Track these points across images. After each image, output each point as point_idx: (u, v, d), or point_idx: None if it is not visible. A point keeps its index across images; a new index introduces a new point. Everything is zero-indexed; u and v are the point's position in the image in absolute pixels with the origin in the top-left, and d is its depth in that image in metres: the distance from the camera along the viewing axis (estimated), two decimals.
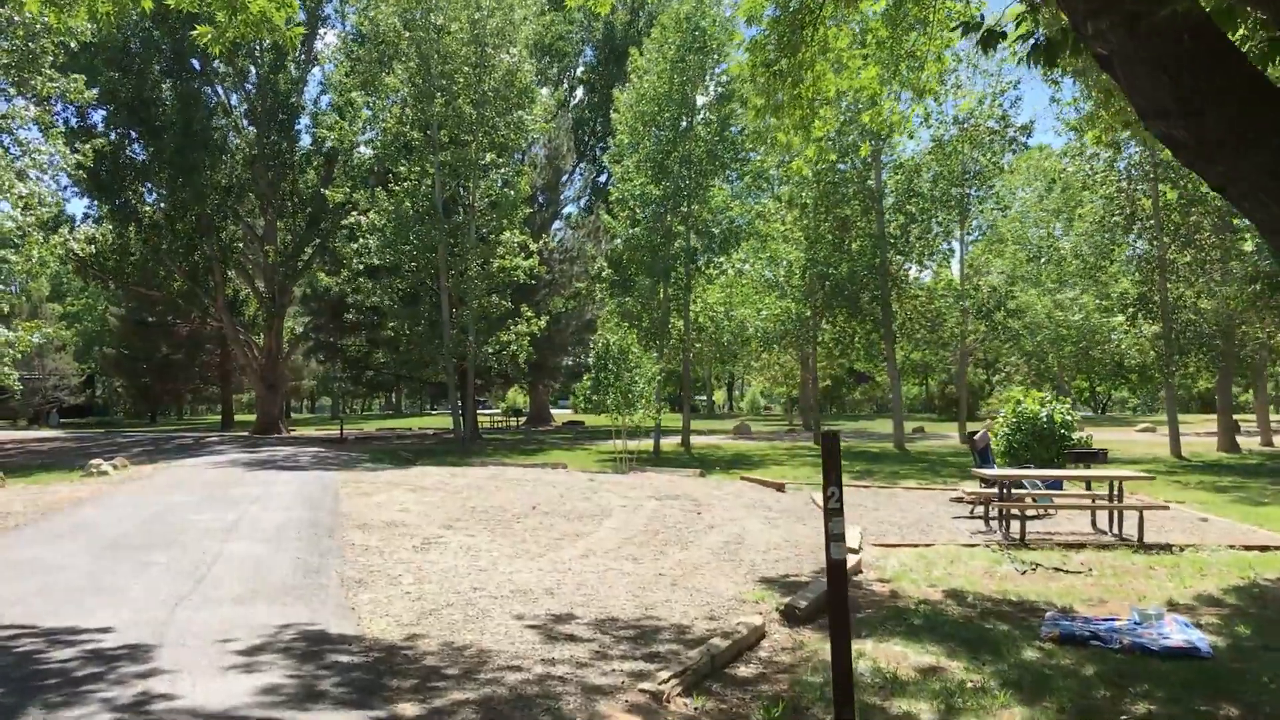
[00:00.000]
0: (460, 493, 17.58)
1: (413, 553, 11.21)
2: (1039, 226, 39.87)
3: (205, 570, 10.06)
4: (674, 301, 34.53)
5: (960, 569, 10.93)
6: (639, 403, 24.42)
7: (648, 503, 16.15)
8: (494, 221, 35.87)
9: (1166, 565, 11.14)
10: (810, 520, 14.48)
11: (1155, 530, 13.45)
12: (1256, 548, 12.43)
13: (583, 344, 48.42)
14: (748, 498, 17.17)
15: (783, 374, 56.17)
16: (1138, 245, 29.27)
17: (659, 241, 34.07)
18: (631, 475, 22.32)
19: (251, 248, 47.80)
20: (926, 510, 16.20)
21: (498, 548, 11.60)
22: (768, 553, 11.54)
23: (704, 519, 14.28)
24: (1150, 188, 28.22)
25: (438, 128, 34.83)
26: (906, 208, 33.23)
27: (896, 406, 34.98)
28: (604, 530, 13.08)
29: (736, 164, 34.77)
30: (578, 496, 17.06)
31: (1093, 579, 10.49)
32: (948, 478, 23.16)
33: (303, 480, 20.63)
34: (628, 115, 35.03)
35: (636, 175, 34.27)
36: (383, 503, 16.05)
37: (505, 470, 23.18)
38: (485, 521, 13.86)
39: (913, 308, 34.31)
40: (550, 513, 14.86)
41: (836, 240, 34.28)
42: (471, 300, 34.74)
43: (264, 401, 47.22)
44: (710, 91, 35.75)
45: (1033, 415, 19.63)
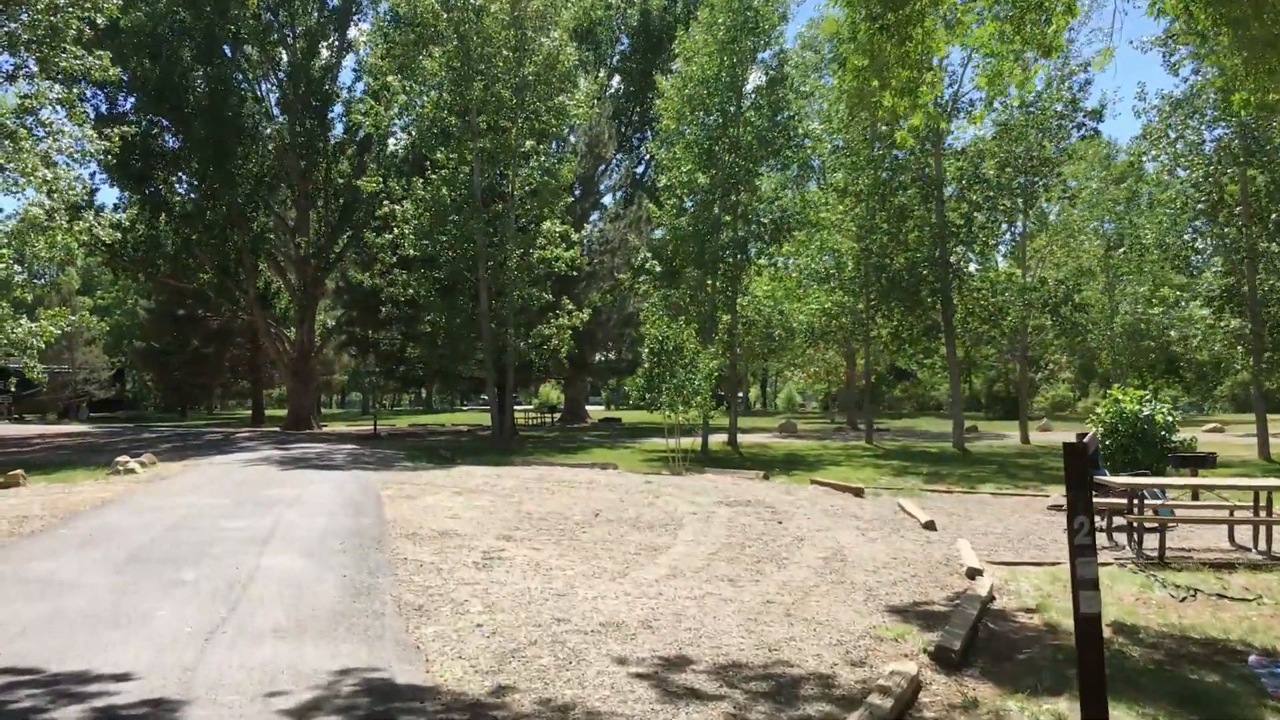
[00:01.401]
0: (511, 496, 16.21)
1: (474, 570, 9.81)
2: (1109, 221, 38.07)
3: (240, 591, 8.71)
4: (721, 295, 33.06)
5: (1107, 595, 9.42)
6: (694, 400, 22.98)
7: (719, 510, 14.72)
8: (534, 210, 34.49)
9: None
10: (906, 531, 13.01)
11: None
12: None
13: (623, 339, 47.07)
14: (825, 504, 15.70)
15: (825, 370, 54.56)
16: (1226, 233, 27.48)
17: (706, 232, 32.63)
18: (689, 477, 20.91)
19: (283, 239, 46.69)
20: (1026, 520, 14.69)
21: (569, 564, 10.19)
22: (878, 573, 10.08)
23: (788, 530, 12.83)
24: (1239, 172, 26.50)
25: (476, 113, 33.45)
26: (969, 195, 31.54)
27: (956, 405, 33.38)
28: (682, 543, 11.66)
29: (790, 150, 33.22)
30: (640, 501, 15.65)
31: (1269, 609, 8.99)
32: (1024, 482, 21.59)
33: (340, 481, 19.33)
34: (674, 100, 33.58)
35: (684, 161, 32.82)
36: (430, 507, 14.69)
37: (553, 471, 21.81)
38: (547, 531, 12.46)
39: (974, 301, 32.63)
40: (616, 521, 13.45)
41: (893, 230, 32.67)
42: (511, 292, 33.37)
43: (295, 396, 46.11)
44: (761, 75, 34.30)
45: (1133, 416, 18.08)
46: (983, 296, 32.47)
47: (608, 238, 41.60)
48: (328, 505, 15.05)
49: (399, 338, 43.10)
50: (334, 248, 45.82)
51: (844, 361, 50.83)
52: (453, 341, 36.19)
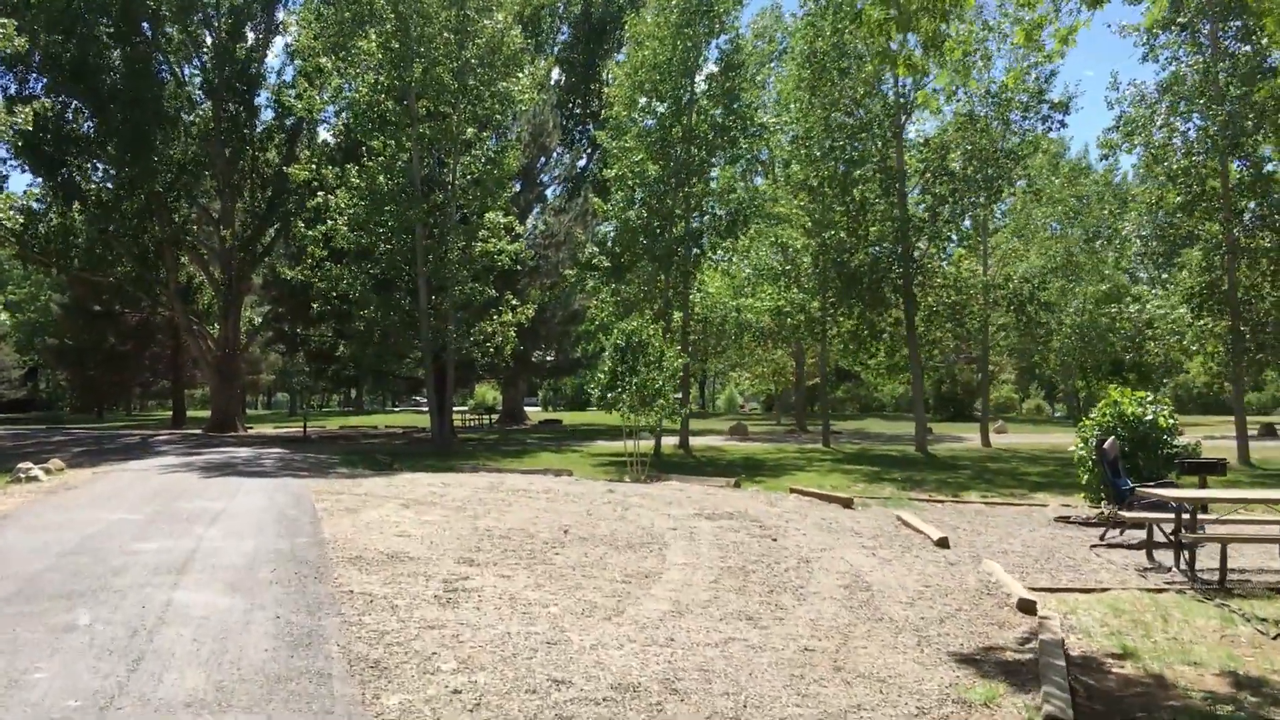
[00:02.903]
0: (464, 509, 14.48)
1: (437, 607, 8.10)
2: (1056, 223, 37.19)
3: (146, 641, 6.92)
4: (675, 290, 31.51)
5: (1186, 632, 8.02)
6: (658, 401, 21.35)
7: (700, 524, 13.13)
8: (477, 201, 32.61)
9: None
10: (919, 550, 11.52)
11: None
12: None
13: (567, 337, 45.29)
14: (815, 517, 14.18)
15: (772, 371, 53.27)
16: (1206, 228, 26.52)
17: (658, 224, 31.09)
18: (653, 485, 19.32)
19: (206, 230, 44.27)
20: (1038, 534, 13.31)
21: (550, 597, 8.52)
22: (915, 606, 8.55)
23: (787, 549, 11.28)
24: (1220, 163, 25.56)
25: (415, 97, 31.53)
26: (935, 188, 30.32)
27: (918, 407, 32.11)
28: (674, 567, 10.05)
29: (746, 140, 31.79)
30: (609, 515, 14.02)
31: None
32: (1008, 489, 20.36)
33: (270, 490, 17.43)
34: (625, 86, 32.01)
35: (635, 151, 31.25)
36: (374, 523, 12.91)
37: (505, 478, 20.09)
38: (514, 553, 10.77)
39: (938, 298, 31.44)
40: (589, 539, 11.80)
41: (853, 225, 31.38)
42: (452, 287, 31.47)
43: (219, 396, 43.70)
44: (715, 62, 32.83)
45: (1134, 419, 16.78)
46: (946, 294, 31.31)
47: (552, 231, 39.85)
48: (256, 521, 13.20)
49: (331, 335, 40.96)
50: (261, 240, 43.51)
51: (793, 362, 49.56)
52: (389, 339, 34.21)
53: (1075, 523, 14.38)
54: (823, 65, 30.77)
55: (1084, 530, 13.78)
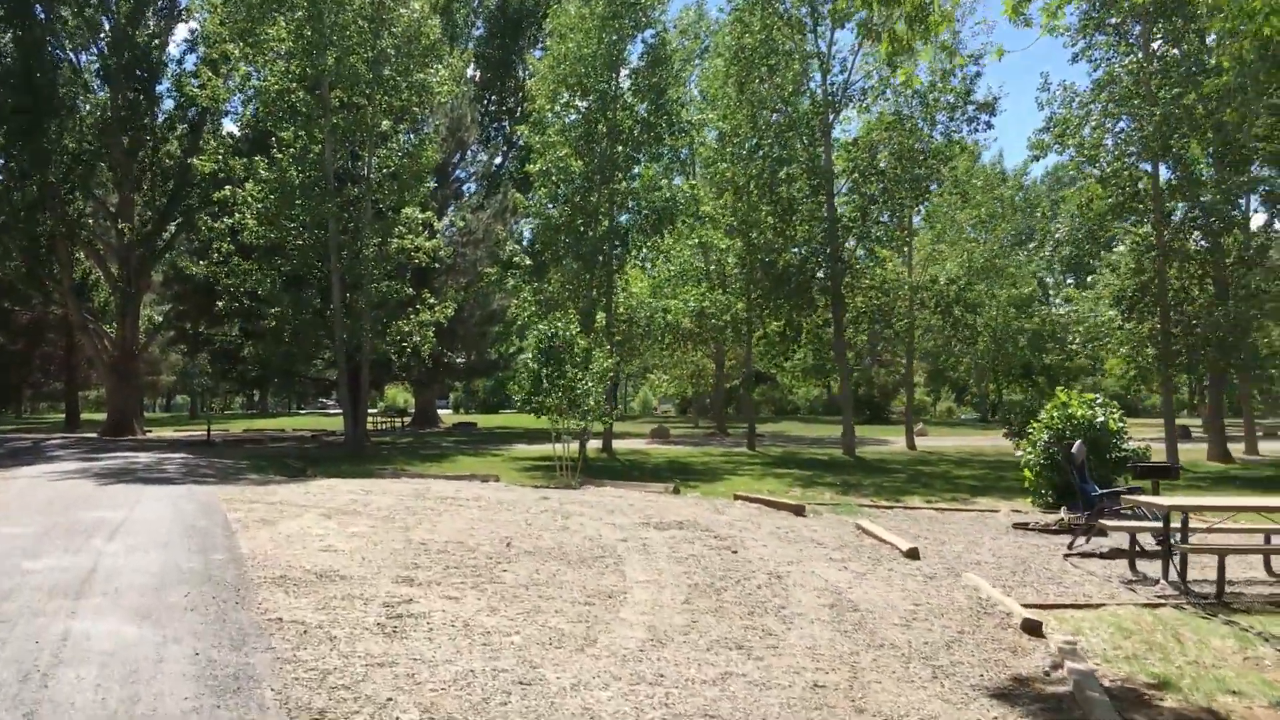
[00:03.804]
0: (392, 519, 13.43)
1: (382, 637, 7.12)
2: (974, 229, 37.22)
3: (39, 687, 5.84)
4: (599, 289, 30.64)
5: (1205, 654, 7.40)
6: (586, 403, 20.46)
7: (650, 535, 12.29)
8: (393, 196, 31.37)
9: None
10: (890, 563, 10.80)
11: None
12: None
13: (485, 337, 44.05)
14: (769, 526, 13.42)
15: (691, 373, 52.69)
16: (1136, 230, 26.51)
17: (583, 221, 30.20)
18: (586, 491, 18.41)
19: (103, 224, 42.09)
20: (1001, 542, 12.71)
21: (510, 624, 7.58)
22: (913, 628, 7.80)
23: (751, 563, 10.49)
24: (1152, 165, 25.53)
25: (328, 87, 30.19)
26: (865, 188, 29.91)
27: (847, 410, 31.58)
28: (637, 586, 9.17)
29: (672, 137, 31.07)
30: (550, 524, 13.09)
31: None
32: (948, 493, 19.87)
33: (176, 499, 16.12)
34: (547, 80, 31.07)
35: (559, 146, 30.32)
36: (295, 535, 11.81)
37: (429, 484, 19.02)
38: (457, 569, 9.79)
39: (866, 299, 31.06)
40: (535, 552, 10.87)
41: (780, 225, 30.84)
42: (367, 284, 30.18)
43: (116, 398, 41.61)
44: (641, 56, 32.01)
45: (1084, 422, 16.36)
46: (874, 296, 30.95)
47: (470, 229, 38.66)
48: (163, 534, 12.00)
49: (237, 334, 39.21)
50: (162, 235, 41.54)
51: (712, 364, 48.99)
52: (300, 338, 32.76)
53: (1035, 529, 13.83)
54: (750, 62, 30.21)
55: (1046, 538, 13.23)
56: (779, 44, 30.08)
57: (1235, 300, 26.07)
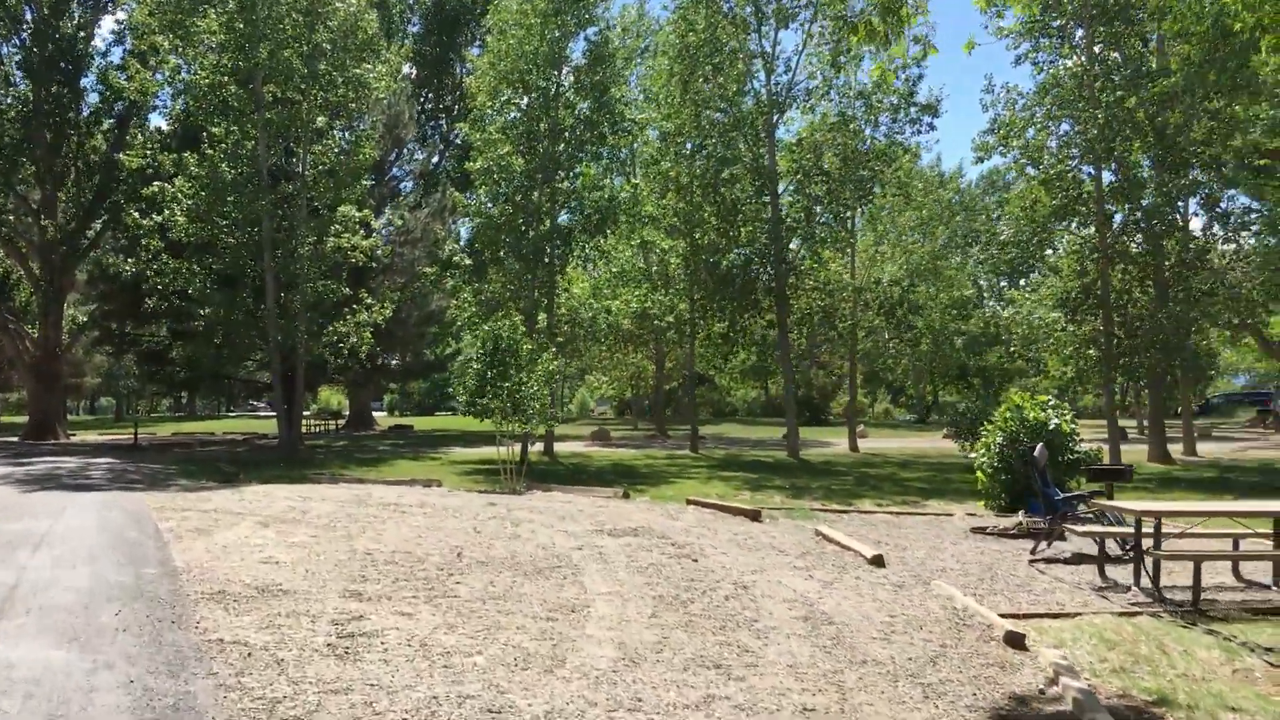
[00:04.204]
0: (334, 527, 12.85)
1: (336, 660, 6.63)
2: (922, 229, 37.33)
3: None
4: (540, 289, 30.14)
5: (1193, 667, 7.19)
6: (532, 406, 19.99)
7: (606, 543, 11.87)
8: (329, 193, 30.62)
9: None
10: (855, 571, 10.50)
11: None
12: None
13: (423, 338, 43.28)
14: (726, 532, 13.07)
15: (631, 375, 52.36)
16: (1080, 233, 26.64)
17: (524, 221, 29.70)
18: (533, 496, 17.94)
19: (25, 221, 40.65)
20: (963, 548, 12.49)
21: (471, 643, 7.12)
22: (893, 642, 7.48)
23: (714, 573, 10.12)
24: (1095, 167, 25.67)
25: (262, 81, 29.40)
26: (809, 188, 29.77)
27: (791, 410, 31.46)
28: (599, 599, 8.75)
29: (615, 136, 30.67)
30: (500, 532, 12.61)
31: None
32: (899, 496, 19.75)
33: (103, 506, 15.34)
34: (488, 77, 30.53)
35: (500, 143, 29.80)
36: (233, 546, 11.21)
37: (370, 490, 18.37)
38: (407, 582, 9.30)
39: (811, 300, 30.93)
40: (487, 563, 10.41)
41: (723, 226, 30.60)
42: (302, 284, 29.40)
43: (38, 401, 40.27)
44: (583, 54, 31.59)
45: (1038, 424, 16.25)
46: (818, 297, 30.83)
47: (408, 228, 37.93)
48: (90, 546, 11.33)
49: (165, 335, 38.06)
50: (86, 231, 40.25)
51: (652, 365, 48.68)
52: (232, 339, 31.85)
53: (993, 534, 13.64)
54: (695, 60, 29.95)
55: (1005, 542, 13.03)
56: (723, 43, 29.87)
57: (1175, 303, 26.30)
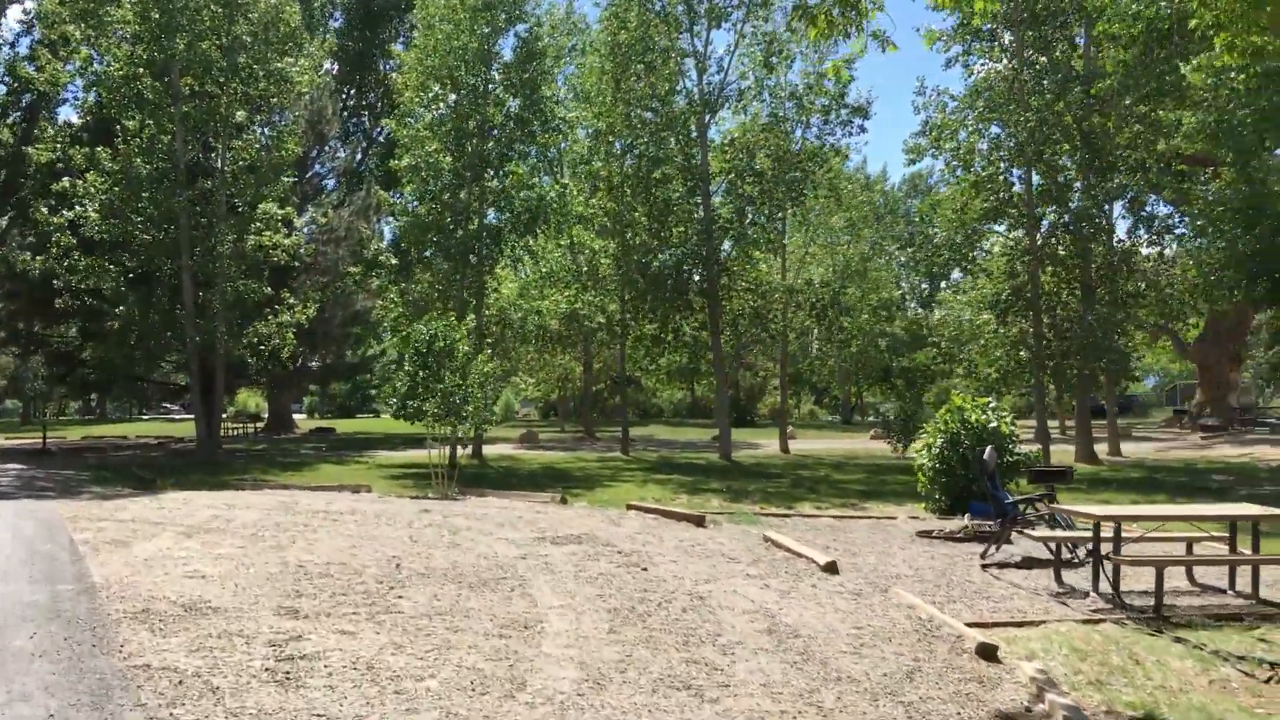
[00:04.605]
0: (262, 537, 12.25)
1: (277, 688, 6.13)
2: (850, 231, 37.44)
3: None
4: (469, 289, 29.55)
5: (1169, 678, 7.02)
6: (467, 410, 19.45)
7: (550, 551, 11.45)
8: (250, 190, 29.70)
9: None
10: (812, 578, 10.21)
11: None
12: None
13: (347, 339, 42.33)
14: (673, 539, 12.71)
15: (559, 376, 51.86)
16: (1011, 235, 26.84)
17: (453, 220, 29.10)
18: (468, 502, 17.43)
19: None
20: (913, 553, 12.28)
21: (421, 665, 6.66)
22: (863, 656, 7.18)
23: (666, 582, 9.76)
24: (1025, 173, 25.86)
25: (179, 74, 28.41)
26: (742, 188, 29.60)
27: (723, 412, 31.23)
28: (552, 613, 8.33)
29: (546, 134, 30.22)
30: (439, 541, 12.12)
31: None
32: (838, 499, 19.61)
33: (11, 517, 14.52)
34: (415, 72, 29.88)
35: (428, 141, 29.17)
36: (155, 559, 10.58)
37: (296, 497, 17.71)
38: (345, 597, 8.79)
39: (743, 301, 30.76)
40: (428, 574, 9.92)
41: (655, 226, 30.31)
42: (222, 283, 28.47)
43: None
44: (512, 50, 31.06)
45: (978, 426, 16.17)
46: (750, 298, 30.69)
47: (332, 226, 37.01)
48: (0, 560, 10.62)
49: (76, 335, 36.69)
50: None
51: (579, 366, 48.23)
52: (147, 340, 30.75)
53: (940, 537, 13.45)
54: (627, 58, 29.61)
55: (953, 546, 12.85)
56: (655, 41, 29.59)
57: (1102, 305, 26.60)
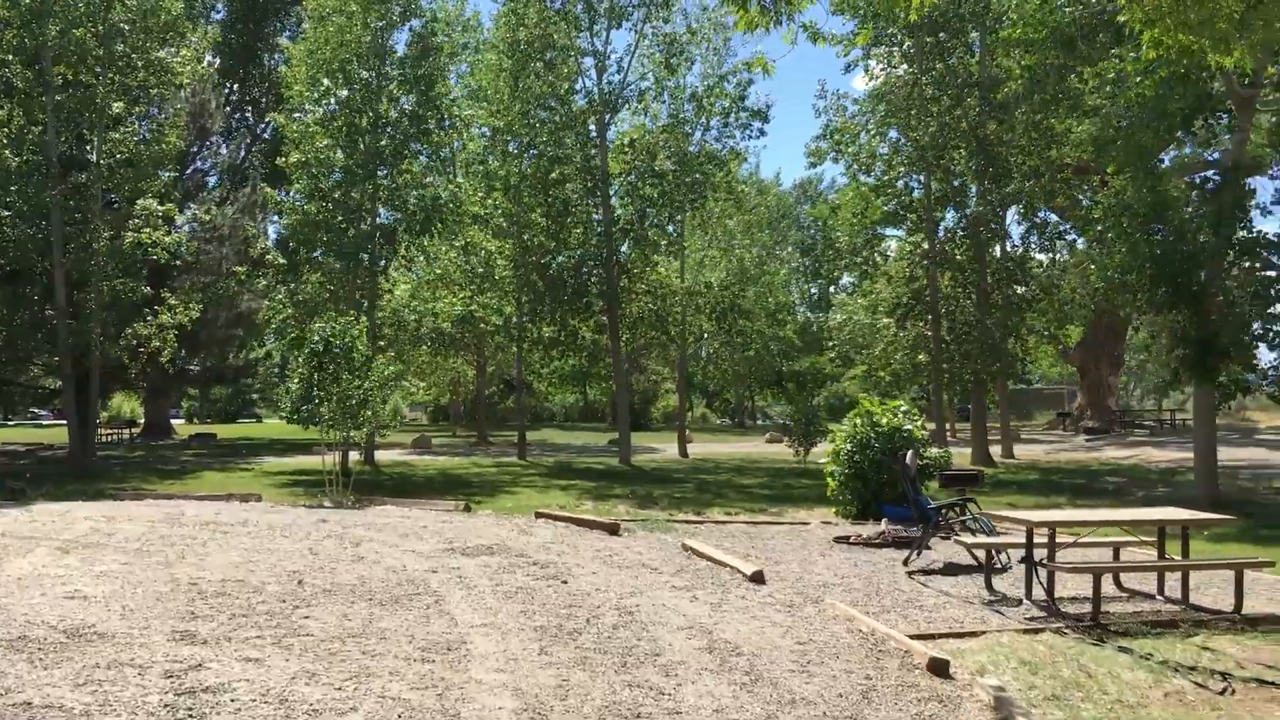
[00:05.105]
0: (149, 552, 11.41)
1: None
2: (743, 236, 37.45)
3: None
4: (362, 291, 28.65)
5: (1125, 692, 6.79)
6: (365, 414, 18.68)
7: (462, 564, 10.88)
8: (128, 185, 28.34)
9: None
10: (740, 589, 9.83)
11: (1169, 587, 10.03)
12: None
13: (231, 341, 40.78)
14: (589, 548, 12.24)
15: (450, 380, 50.85)
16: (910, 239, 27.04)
17: (343, 219, 28.17)
18: (367, 511, 16.68)
19: None
20: (835, 560, 11.99)
21: (340, 696, 6.05)
22: (813, 675, 6.79)
23: (590, 596, 9.28)
24: (925, 177, 26.04)
25: (51, 61, 26.95)
26: (643, 190, 29.27)
27: (623, 416, 30.82)
28: (474, 632, 7.78)
29: (441, 132, 29.49)
30: (342, 554, 11.45)
31: None
32: (743, 504, 19.36)
33: None
34: (305, 66, 28.86)
35: (319, 137, 28.20)
36: (30, 579, 9.70)
37: (181, 507, 16.72)
38: (247, 618, 8.10)
39: (643, 305, 30.43)
40: (334, 591, 9.27)
41: (553, 227, 29.80)
42: (98, 282, 27.07)
43: None
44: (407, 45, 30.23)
45: (889, 430, 16.02)
46: (650, 301, 30.39)
47: (216, 224, 35.57)
48: None
49: None
50: None
51: (472, 370, 47.37)
52: (15, 341, 29.10)
53: (858, 543, 13.21)
54: (525, 56, 29.05)
55: (872, 552, 12.62)
56: (554, 39, 29.10)
57: (996, 308, 26.95)
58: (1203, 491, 18.55)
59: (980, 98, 24.91)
